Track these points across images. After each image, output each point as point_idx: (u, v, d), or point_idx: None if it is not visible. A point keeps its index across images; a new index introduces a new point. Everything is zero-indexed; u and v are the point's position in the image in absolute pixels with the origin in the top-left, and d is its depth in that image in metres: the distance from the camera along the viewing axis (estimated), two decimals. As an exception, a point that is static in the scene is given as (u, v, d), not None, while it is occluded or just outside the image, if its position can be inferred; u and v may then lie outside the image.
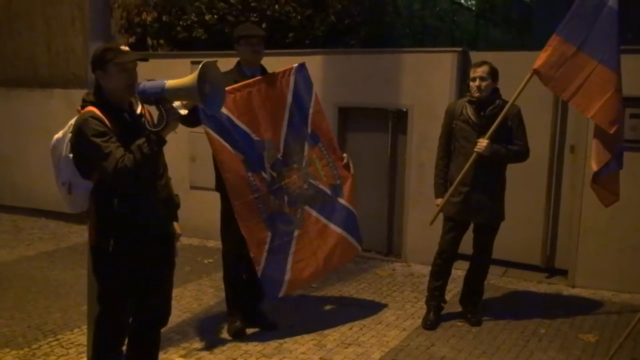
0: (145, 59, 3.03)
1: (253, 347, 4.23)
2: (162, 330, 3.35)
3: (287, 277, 4.32)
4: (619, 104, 4.21)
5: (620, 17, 4.17)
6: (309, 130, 4.48)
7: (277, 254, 4.27)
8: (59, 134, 3.09)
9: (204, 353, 4.14)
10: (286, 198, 4.32)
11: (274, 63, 4.51)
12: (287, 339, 4.35)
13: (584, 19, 4.18)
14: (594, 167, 4.29)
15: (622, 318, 4.74)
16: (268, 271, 4.22)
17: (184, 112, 3.08)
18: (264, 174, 4.23)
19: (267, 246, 4.22)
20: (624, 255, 5.35)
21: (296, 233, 4.37)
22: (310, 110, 4.49)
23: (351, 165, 4.64)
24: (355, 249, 4.71)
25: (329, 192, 4.53)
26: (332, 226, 4.55)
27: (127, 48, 2.99)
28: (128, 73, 2.91)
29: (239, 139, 4.14)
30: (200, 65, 2.67)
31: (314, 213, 4.47)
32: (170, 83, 2.74)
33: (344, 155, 4.64)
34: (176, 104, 2.88)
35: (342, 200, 4.59)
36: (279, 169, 4.32)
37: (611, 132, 4.17)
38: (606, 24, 4.15)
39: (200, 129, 4.22)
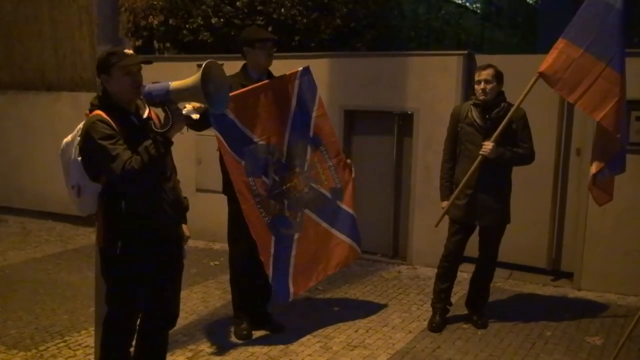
0: (148, 62, 3.06)
1: (259, 349, 4.25)
2: (169, 332, 3.37)
3: (291, 280, 4.34)
4: (624, 108, 4.22)
5: (626, 21, 4.17)
6: (312, 134, 4.50)
7: (281, 258, 4.29)
8: (68, 138, 3.11)
9: (211, 355, 4.16)
10: (286, 202, 4.33)
11: (279, 66, 4.53)
12: (293, 342, 4.36)
13: (591, 21, 4.17)
14: (593, 169, 4.31)
15: (628, 321, 4.72)
16: (276, 275, 4.24)
17: (195, 116, 3.10)
18: (264, 178, 4.22)
19: (272, 250, 4.23)
20: (630, 258, 5.34)
21: (296, 236, 4.38)
22: (314, 114, 4.50)
23: (353, 169, 4.67)
24: (355, 252, 4.73)
25: (329, 195, 4.55)
26: (332, 229, 4.57)
27: (131, 51, 3.03)
28: (132, 76, 2.94)
29: (241, 143, 4.15)
30: (203, 65, 2.69)
31: (314, 216, 4.49)
32: (174, 84, 2.77)
33: (348, 161, 4.67)
34: (188, 108, 2.90)
35: (342, 204, 4.62)
36: (282, 173, 4.33)
37: (618, 135, 4.17)
38: (613, 26, 4.14)
39: (206, 132, 4.24)
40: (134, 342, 3.27)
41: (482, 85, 4.33)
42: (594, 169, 4.31)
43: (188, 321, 4.69)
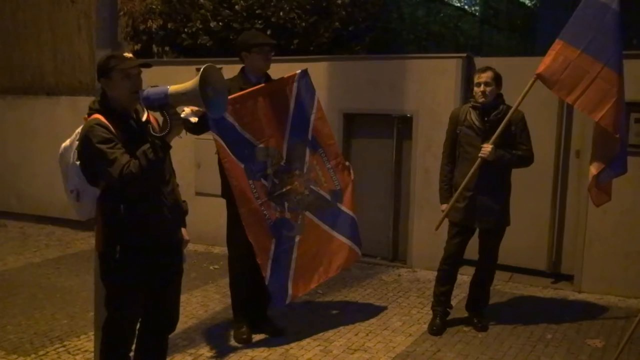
0: (148, 65, 3.05)
1: (259, 353, 4.24)
2: (169, 336, 3.36)
3: (290, 283, 4.34)
4: (623, 108, 4.22)
5: (625, 23, 4.17)
6: (310, 137, 4.50)
7: (281, 261, 4.29)
8: (67, 142, 3.11)
9: (211, 359, 4.15)
10: (286, 204, 4.34)
11: (278, 70, 4.53)
12: (293, 345, 4.36)
13: (588, 22, 4.18)
14: (593, 171, 4.30)
15: (628, 323, 4.72)
16: (274, 278, 4.24)
17: (194, 119, 3.09)
18: (263, 181, 4.23)
19: (272, 253, 4.23)
20: (630, 260, 5.34)
21: (297, 239, 4.39)
22: (312, 117, 4.51)
23: (352, 171, 4.68)
24: (356, 255, 4.74)
25: (329, 197, 4.56)
26: (332, 232, 4.58)
27: (130, 55, 3.02)
28: (132, 79, 2.95)
29: (241, 146, 4.16)
30: (201, 69, 2.69)
31: (315, 219, 4.49)
32: (173, 88, 2.76)
33: (347, 164, 4.67)
34: (186, 111, 2.88)
35: (342, 206, 4.62)
36: (282, 176, 4.34)
37: (617, 135, 4.17)
38: (610, 27, 4.15)
39: (205, 136, 4.24)
40: (133, 347, 3.26)
41: (481, 88, 4.34)
42: (594, 170, 4.31)
43: (188, 325, 4.69)
